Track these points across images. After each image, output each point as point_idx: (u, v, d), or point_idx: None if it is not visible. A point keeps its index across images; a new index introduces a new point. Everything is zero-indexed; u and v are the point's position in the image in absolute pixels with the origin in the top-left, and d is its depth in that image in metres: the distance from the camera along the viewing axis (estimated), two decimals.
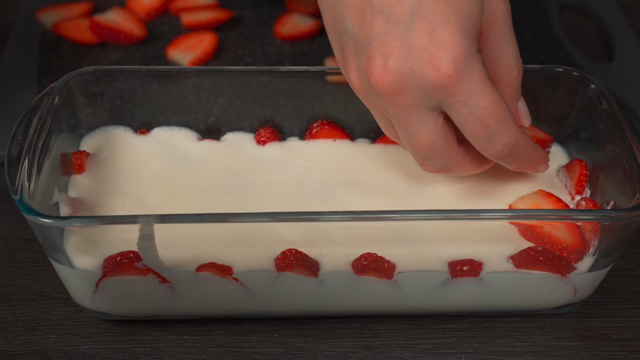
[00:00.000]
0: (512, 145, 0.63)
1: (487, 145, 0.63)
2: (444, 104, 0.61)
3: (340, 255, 0.66)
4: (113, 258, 0.65)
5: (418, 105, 0.62)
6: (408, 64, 0.60)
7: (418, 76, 0.60)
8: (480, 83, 0.60)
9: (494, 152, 0.64)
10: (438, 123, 0.63)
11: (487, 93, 0.61)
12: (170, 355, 0.68)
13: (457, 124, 0.63)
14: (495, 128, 0.62)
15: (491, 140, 0.63)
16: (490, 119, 0.61)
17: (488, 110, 0.61)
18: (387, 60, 0.60)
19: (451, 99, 0.61)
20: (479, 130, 0.62)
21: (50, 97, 0.71)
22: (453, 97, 0.60)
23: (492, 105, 0.61)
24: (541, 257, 0.66)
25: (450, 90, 0.60)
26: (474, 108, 0.61)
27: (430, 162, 0.65)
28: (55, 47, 0.99)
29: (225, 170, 0.75)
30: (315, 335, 0.70)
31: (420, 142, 0.64)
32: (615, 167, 0.70)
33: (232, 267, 0.65)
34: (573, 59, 0.99)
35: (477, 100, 0.61)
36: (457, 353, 0.68)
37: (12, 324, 0.70)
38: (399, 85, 0.61)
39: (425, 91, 0.61)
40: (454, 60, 0.59)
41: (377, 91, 0.62)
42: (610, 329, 0.71)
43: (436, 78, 0.60)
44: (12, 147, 0.66)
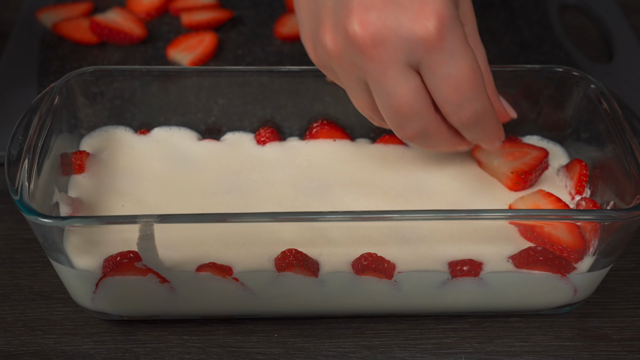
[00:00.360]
0: (481, 113, 0.62)
1: (457, 110, 0.62)
2: (423, 63, 0.60)
3: (340, 255, 0.66)
4: (113, 258, 0.65)
5: (398, 60, 0.60)
6: (393, 14, 0.59)
7: (403, 27, 0.59)
8: (462, 45, 0.59)
9: (462, 118, 0.62)
10: (417, 81, 0.61)
11: (467, 56, 0.60)
12: (170, 355, 0.68)
13: (431, 85, 0.61)
14: (468, 93, 0.61)
15: (462, 105, 0.61)
16: (465, 83, 0.60)
17: (465, 74, 0.60)
18: (370, 10, 0.59)
19: (432, 57, 0.59)
20: (453, 94, 0.61)
21: (50, 97, 0.71)
22: (435, 54, 0.59)
23: (469, 70, 0.60)
24: (541, 257, 0.66)
25: (433, 46, 0.59)
26: (452, 69, 0.60)
27: (408, 124, 0.63)
28: (55, 47, 0.99)
29: (225, 170, 0.75)
30: (315, 335, 0.70)
31: (400, 101, 0.62)
32: (615, 167, 0.70)
33: (232, 267, 0.65)
34: (573, 59, 0.99)
35: (457, 61, 0.59)
36: (457, 353, 0.68)
37: (12, 324, 0.70)
38: (381, 35, 0.59)
39: (408, 45, 0.59)
40: (442, 16, 0.58)
41: (356, 45, 0.60)
42: (610, 329, 0.71)
43: (422, 31, 0.58)
44: (12, 147, 0.66)
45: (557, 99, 0.78)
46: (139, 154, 0.76)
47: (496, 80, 0.78)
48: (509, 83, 0.78)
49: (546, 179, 0.75)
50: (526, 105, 0.79)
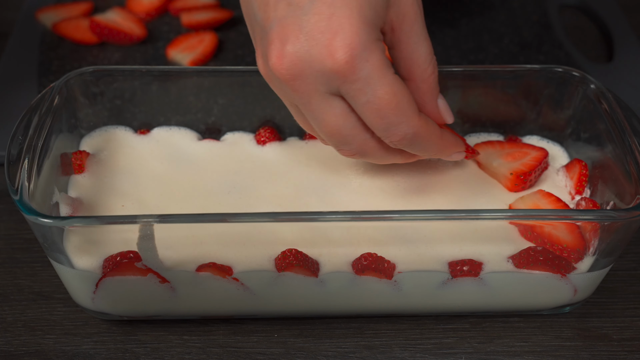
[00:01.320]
0: (411, 135, 0.62)
1: (386, 134, 0.62)
2: (342, 91, 0.60)
3: (340, 255, 0.66)
4: (113, 258, 0.65)
5: (318, 90, 0.60)
6: (305, 47, 0.59)
7: (315, 61, 0.59)
8: (378, 71, 0.59)
9: (393, 141, 0.62)
10: (344, 107, 0.61)
11: (386, 82, 0.59)
12: (170, 355, 0.68)
13: (357, 111, 0.61)
14: (392, 119, 0.61)
15: (389, 130, 0.61)
16: (387, 109, 0.60)
17: (385, 100, 0.60)
18: (285, 44, 0.59)
19: (348, 86, 0.59)
20: (377, 120, 0.61)
21: (50, 97, 0.71)
22: (350, 84, 0.59)
23: (389, 95, 0.60)
24: (541, 257, 0.66)
25: (347, 77, 0.59)
26: (371, 97, 0.59)
27: (344, 146, 0.64)
28: (55, 47, 0.99)
29: (225, 170, 0.75)
30: (315, 335, 0.70)
31: (329, 127, 0.62)
32: (615, 167, 0.70)
33: (232, 267, 0.65)
34: (573, 59, 0.99)
35: (373, 89, 0.59)
36: (457, 353, 0.68)
37: (12, 324, 0.70)
38: (297, 69, 0.59)
39: (323, 77, 0.59)
40: (351, 46, 0.58)
41: (277, 76, 0.61)
42: (610, 328, 0.71)
43: (332, 64, 0.58)
44: (12, 147, 0.66)
45: (557, 99, 0.78)
46: (139, 154, 0.76)
47: (496, 80, 0.78)
48: (509, 83, 0.79)
49: (546, 178, 0.75)
50: (526, 105, 0.79)
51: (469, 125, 0.81)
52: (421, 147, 0.64)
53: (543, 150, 0.75)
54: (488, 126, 0.81)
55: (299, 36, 0.59)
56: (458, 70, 0.78)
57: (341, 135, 0.63)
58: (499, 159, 0.75)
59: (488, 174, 0.75)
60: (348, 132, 0.62)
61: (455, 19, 1.06)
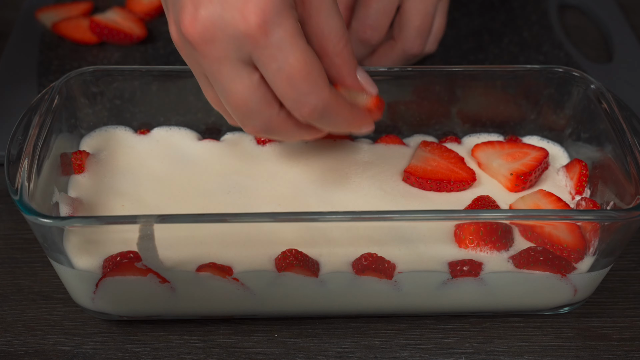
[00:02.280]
0: (322, 107, 0.61)
1: (295, 105, 0.61)
2: (255, 58, 0.59)
3: (340, 255, 0.66)
4: (113, 258, 0.65)
5: (229, 57, 0.59)
6: (218, 11, 0.58)
7: (228, 25, 0.58)
8: (291, 38, 0.58)
9: (303, 114, 0.61)
10: (253, 79, 0.60)
11: (298, 49, 0.59)
12: (170, 355, 0.68)
13: (268, 80, 0.60)
14: (303, 88, 0.60)
15: (299, 101, 0.60)
16: (298, 78, 0.59)
17: (296, 68, 0.59)
18: (198, 7, 0.58)
19: (260, 52, 0.58)
20: (287, 89, 0.60)
21: (50, 97, 0.71)
22: (262, 49, 0.58)
23: (300, 63, 0.59)
24: (541, 257, 0.66)
25: (259, 41, 0.58)
26: (282, 64, 0.59)
27: (249, 121, 0.63)
28: (55, 47, 0.99)
29: (225, 170, 0.75)
30: (316, 335, 0.70)
31: (236, 98, 0.61)
32: (615, 167, 0.70)
33: (232, 267, 0.65)
34: (573, 59, 0.99)
35: (285, 56, 0.58)
36: (457, 353, 0.68)
37: (12, 324, 0.70)
38: (209, 34, 0.59)
39: (235, 41, 0.58)
40: (265, 11, 0.57)
41: (189, 41, 0.60)
42: (610, 328, 0.71)
43: (245, 27, 0.57)
44: (12, 147, 0.66)
45: (557, 99, 0.78)
46: (138, 154, 0.76)
47: (496, 80, 0.78)
48: (509, 83, 0.79)
49: (547, 178, 0.75)
50: (526, 105, 0.79)
51: (469, 125, 0.81)
52: (331, 121, 0.63)
53: (543, 150, 0.75)
54: (488, 126, 0.81)
55: (213, 0, 0.58)
56: (458, 70, 0.79)
57: (248, 107, 0.61)
58: (499, 159, 0.75)
59: (488, 174, 0.75)
60: (255, 105, 0.61)
61: (455, 19, 1.06)
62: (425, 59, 0.99)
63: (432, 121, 0.80)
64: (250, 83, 0.60)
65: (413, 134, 0.81)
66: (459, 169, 0.74)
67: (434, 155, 0.75)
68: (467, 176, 0.74)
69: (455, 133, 0.81)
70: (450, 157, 0.75)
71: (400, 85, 0.79)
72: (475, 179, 0.74)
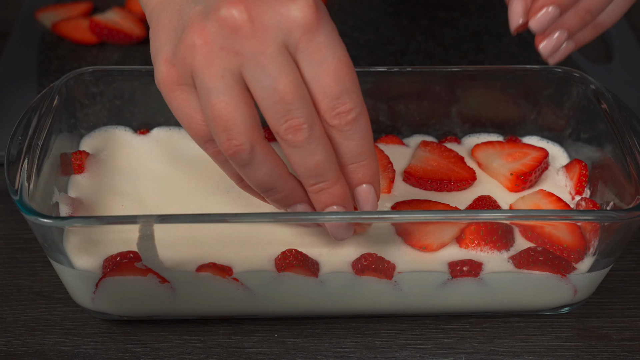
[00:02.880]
0: (360, 109, 0.58)
1: (336, 104, 0.57)
2: (302, 45, 0.56)
3: (340, 256, 0.66)
4: (113, 258, 0.65)
5: (277, 38, 0.56)
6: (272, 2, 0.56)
7: (281, 2, 0.56)
8: (337, 34, 0.57)
9: (342, 112, 0.57)
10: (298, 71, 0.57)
11: (343, 46, 0.58)
12: (170, 355, 0.68)
13: (309, 74, 0.57)
14: (348, 84, 0.57)
15: (341, 98, 0.57)
16: (345, 72, 0.57)
17: (344, 62, 0.57)
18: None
19: (311, 37, 0.56)
20: (332, 83, 0.57)
21: (49, 97, 0.71)
22: (313, 34, 0.56)
23: (347, 58, 0.57)
24: (541, 258, 0.66)
25: (312, 27, 0.56)
26: (331, 55, 0.56)
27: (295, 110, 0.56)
28: (55, 47, 0.99)
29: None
30: (316, 336, 0.70)
31: (285, 83, 0.56)
32: (615, 168, 0.70)
33: (232, 267, 0.65)
34: (573, 59, 0.99)
35: (335, 48, 0.57)
36: (457, 353, 0.68)
37: (12, 324, 0.70)
38: (258, 11, 0.56)
39: (286, 21, 0.56)
40: (317, 5, 0.56)
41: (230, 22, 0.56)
42: (610, 329, 0.71)
43: (300, 12, 0.56)
44: (12, 147, 0.66)
45: (557, 99, 0.78)
46: (138, 154, 0.76)
47: (496, 81, 0.78)
48: (508, 83, 0.79)
49: (547, 178, 0.75)
50: (526, 105, 0.79)
51: (468, 126, 0.81)
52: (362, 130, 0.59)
53: (543, 150, 0.75)
54: (488, 126, 0.81)
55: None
56: (458, 70, 0.79)
57: (298, 95, 0.56)
58: (499, 160, 0.75)
59: (488, 174, 0.75)
60: (302, 94, 0.57)
61: (455, 19, 1.06)
62: (425, 59, 0.99)
63: (431, 121, 0.80)
64: (297, 71, 0.57)
65: (412, 134, 0.81)
66: (459, 168, 0.74)
67: (434, 155, 0.75)
68: (468, 176, 0.74)
69: (454, 133, 0.81)
70: (450, 156, 0.75)
71: (400, 85, 0.79)
72: (476, 178, 0.74)
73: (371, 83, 0.78)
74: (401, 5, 1.08)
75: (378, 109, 0.80)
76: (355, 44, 1.01)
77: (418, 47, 1.01)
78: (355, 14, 1.06)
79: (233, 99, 0.56)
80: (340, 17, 1.06)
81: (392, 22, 1.05)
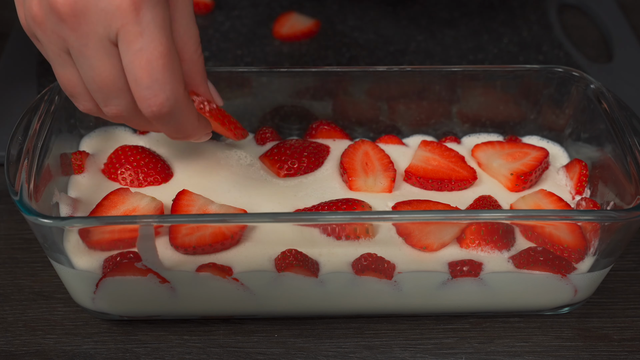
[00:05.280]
0: (174, 102, 0.60)
1: (147, 93, 0.59)
2: (121, 35, 0.58)
3: (340, 256, 0.66)
4: (113, 258, 0.65)
5: (98, 33, 0.58)
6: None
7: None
8: (160, 24, 0.58)
9: (152, 105, 0.60)
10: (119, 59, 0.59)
11: (164, 38, 0.58)
12: (170, 355, 0.68)
13: (125, 62, 0.59)
14: (160, 75, 0.59)
15: (152, 88, 0.59)
16: (158, 62, 0.58)
17: (158, 53, 0.58)
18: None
19: (128, 28, 0.58)
20: (144, 72, 0.58)
21: (49, 98, 0.71)
22: (130, 25, 0.57)
23: (164, 49, 0.58)
24: (541, 258, 0.66)
25: (129, 17, 0.57)
26: (145, 45, 0.58)
27: (112, 99, 0.61)
28: None
29: (225, 169, 0.75)
30: (316, 336, 0.70)
31: (103, 76, 0.60)
32: (615, 167, 0.70)
33: (232, 267, 0.65)
34: (573, 59, 0.99)
35: (151, 38, 0.58)
36: (457, 353, 0.68)
37: (12, 324, 0.70)
38: (82, 4, 0.57)
39: (106, 15, 0.57)
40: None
41: (57, 12, 0.58)
42: (611, 329, 0.71)
43: (119, 1, 0.57)
44: (12, 147, 0.66)
45: (557, 99, 0.78)
46: None
47: (496, 80, 0.78)
48: (508, 83, 0.79)
49: (547, 178, 0.75)
50: (526, 105, 0.79)
51: (468, 125, 0.81)
52: (177, 122, 0.62)
53: (543, 150, 0.75)
54: (488, 126, 0.81)
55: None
56: (458, 70, 0.79)
57: (115, 86, 0.60)
58: (499, 159, 0.75)
59: (489, 174, 0.75)
60: (121, 84, 0.60)
61: (455, 19, 1.06)
62: (425, 58, 0.99)
63: (431, 121, 0.80)
64: (117, 62, 0.59)
65: (412, 134, 0.81)
66: (460, 168, 0.74)
67: (435, 154, 0.75)
68: (468, 175, 0.74)
69: (454, 133, 0.81)
70: (450, 156, 0.75)
71: (400, 85, 0.79)
72: (476, 177, 0.74)
73: (371, 83, 0.79)
74: (401, 5, 1.08)
75: (378, 109, 0.80)
76: (355, 44, 1.01)
77: (418, 47, 1.01)
78: (355, 14, 1.06)
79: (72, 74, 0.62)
80: (340, 17, 1.06)
81: (392, 22, 1.05)
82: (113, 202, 0.69)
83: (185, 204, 0.68)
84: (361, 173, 0.73)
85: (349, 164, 0.74)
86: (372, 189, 0.72)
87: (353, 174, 0.73)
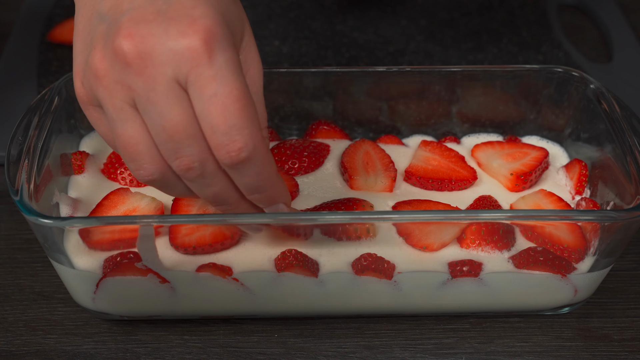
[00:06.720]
0: (252, 147, 0.55)
1: (225, 139, 0.55)
2: (191, 79, 0.54)
3: (340, 256, 0.66)
4: (113, 258, 0.65)
5: (166, 74, 0.54)
6: (162, 27, 0.54)
7: (170, 37, 0.54)
8: (233, 66, 0.55)
9: (231, 151, 0.55)
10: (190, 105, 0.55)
11: (238, 80, 0.55)
12: (170, 355, 0.68)
13: (198, 108, 0.55)
14: (237, 120, 0.54)
15: (230, 134, 0.54)
16: (235, 107, 0.54)
17: (234, 96, 0.54)
18: (139, 23, 0.54)
19: (200, 71, 0.54)
20: (220, 118, 0.54)
21: (49, 98, 0.71)
22: (202, 68, 0.54)
23: (240, 92, 0.54)
24: (541, 258, 0.66)
25: (201, 59, 0.54)
26: (220, 89, 0.54)
27: (184, 149, 0.55)
28: (55, 48, 0.99)
29: None
30: (316, 336, 0.70)
31: (173, 122, 0.55)
32: (615, 167, 0.70)
33: (232, 267, 0.65)
34: (572, 59, 0.99)
35: (227, 81, 0.54)
36: (457, 353, 0.68)
37: (13, 324, 0.70)
38: (147, 46, 0.54)
39: (175, 56, 0.54)
40: (212, 31, 0.54)
41: (122, 57, 0.54)
42: (611, 329, 0.71)
43: (188, 42, 0.54)
44: (12, 148, 0.66)
45: (557, 99, 0.78)
46: None
47: (495, 80, 0.78)
48: (508, 83, 0.79)
49: (547, 178, 0.75)
50: (526, 105, 0.79)
51: (468, 126, 0.81)
52: (256, 169, 0.57)
53: (543, 150, 0.75)
54: (488, 126, 0.81)
55: (157, 18, 0.54)
56: (458, 70, 0.79)
57: (186, 134, 0.55)
58: (499, 159, 0.75)
59: (489, 174, 0.75)
60: (193, 130, 0.55)
61: (455, 19, 1.06)
62: (424, 59, 0.99)
63: (431, 121, 0.80)
64: (188, 106, 0.55)
65: (412, 134, 0.81)
66: (460, 167, 0.74)
67: (435, 154, 0.75)
68: (468, 175, 0.74)
69: (454, 133, 0.81)
70: (450, 156, 0.75)
71: (399, 85, 0.79)
72: (477, 177, 0.74)
73: (371, 83, 0.79)
74: (400, 5, 1.08)
75: (378, 109, 0.80)
76: (354, 44, 1.01)
77: (417, 47, 1.01)
78: (354, 14, 1.06)
79: (135, 130, 0.56)
80: (339, 17, 1.06)
81: (392, 22, 1.05)
82: (113, 202, 0.69)
83: (185, 204, 0.68)
84: (362, 172, 0.73)
85: (350, 163, 0.74)
86: (373, 188, 0.72)
87: (354, 173, 0.73)
